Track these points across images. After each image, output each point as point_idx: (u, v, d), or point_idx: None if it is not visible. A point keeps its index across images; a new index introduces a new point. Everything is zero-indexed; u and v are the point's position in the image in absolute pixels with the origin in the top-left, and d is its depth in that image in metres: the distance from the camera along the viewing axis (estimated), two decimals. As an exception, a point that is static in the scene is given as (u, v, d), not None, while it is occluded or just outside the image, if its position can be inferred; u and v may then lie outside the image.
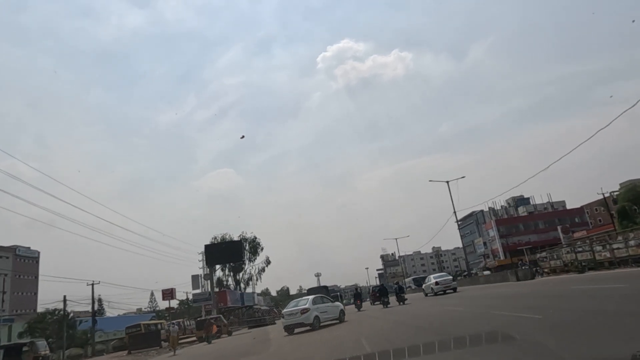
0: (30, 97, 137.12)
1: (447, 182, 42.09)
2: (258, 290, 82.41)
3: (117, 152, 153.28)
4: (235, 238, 56.41)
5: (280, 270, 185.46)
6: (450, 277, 30.09)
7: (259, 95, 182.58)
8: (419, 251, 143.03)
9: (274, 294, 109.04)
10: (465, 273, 79.99)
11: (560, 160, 43.58)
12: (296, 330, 17.87)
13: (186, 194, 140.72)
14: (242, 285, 56.51)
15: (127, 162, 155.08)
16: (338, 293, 78.84)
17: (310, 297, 19.44)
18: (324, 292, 49.88)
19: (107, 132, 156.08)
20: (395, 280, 62.50)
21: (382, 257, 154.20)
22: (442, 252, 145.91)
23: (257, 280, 58.34)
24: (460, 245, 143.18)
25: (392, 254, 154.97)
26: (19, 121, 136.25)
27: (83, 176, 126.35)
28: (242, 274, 57.06)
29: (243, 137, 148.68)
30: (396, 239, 72.74)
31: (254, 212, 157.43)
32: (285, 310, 19.03)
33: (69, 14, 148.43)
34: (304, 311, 17.48)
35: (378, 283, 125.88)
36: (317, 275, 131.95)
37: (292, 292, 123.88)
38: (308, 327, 17.39)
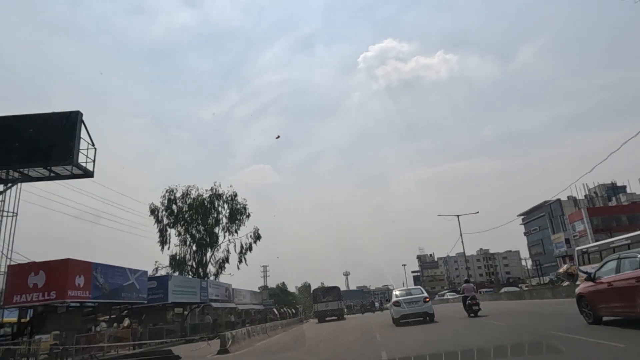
0: (83, 89, 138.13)
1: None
2: (259, 282, 64.60)
3: (160, 144, 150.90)
4: (204, 193, 37.99)
5: (312, 268, 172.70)
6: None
7: (299, 93, 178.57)
8: (463, 252, 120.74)
9: (292, 289, 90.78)
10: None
11: None
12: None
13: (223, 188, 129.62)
14: (211, 269, 37.15)
15: (169, 154, 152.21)
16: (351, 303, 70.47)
17: (419, 286, 18.05)
18: (335, 292, 38.49)
19: (152, 125, 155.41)
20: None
21: (418, 257, 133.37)
22: (492, 255, 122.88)
23: (240, 261, 38.62)
24: (513, 249, 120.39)
25: (431, 255, 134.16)
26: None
27: (127, 167, 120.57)
28: (214, 252, 37.86)
29: (278, 137, 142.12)
30: (458, 215, 46.87)
31: (288, 209, 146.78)
32: (402, 297, 16.22)
33: (123, 12, 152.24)
34: (427, 299, 16.18)
35: (414, 285, 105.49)
36: (346, 274, 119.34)
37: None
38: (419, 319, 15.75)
